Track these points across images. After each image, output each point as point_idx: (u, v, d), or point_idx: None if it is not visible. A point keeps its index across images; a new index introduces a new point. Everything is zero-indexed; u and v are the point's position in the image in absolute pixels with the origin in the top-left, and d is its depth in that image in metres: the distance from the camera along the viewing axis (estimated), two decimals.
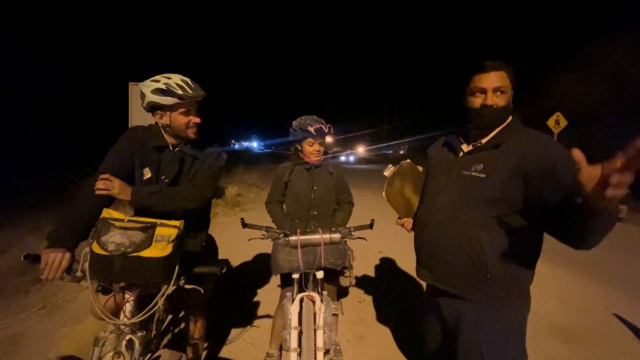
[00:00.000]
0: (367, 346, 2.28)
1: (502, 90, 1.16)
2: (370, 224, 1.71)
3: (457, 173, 1.26)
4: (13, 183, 7.93)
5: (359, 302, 2.91)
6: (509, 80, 1.17)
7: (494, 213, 1.14)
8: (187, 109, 1.43)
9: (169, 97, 1.36)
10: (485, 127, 1.22)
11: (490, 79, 1.15)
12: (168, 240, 1.09)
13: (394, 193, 1.56)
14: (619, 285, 3.49)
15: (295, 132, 1.94)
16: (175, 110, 1.41)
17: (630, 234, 6.04)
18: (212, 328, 2.18)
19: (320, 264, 1.61)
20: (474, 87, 1.18)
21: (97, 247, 1.02)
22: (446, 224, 1.26)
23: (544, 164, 1.05)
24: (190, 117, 1.45)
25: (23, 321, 2.47)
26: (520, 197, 1.10)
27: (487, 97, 1.16)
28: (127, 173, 1.42)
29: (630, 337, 2.50)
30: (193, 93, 1.39)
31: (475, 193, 1.18)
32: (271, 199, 2.04)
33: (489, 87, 1.15)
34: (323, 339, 1.53)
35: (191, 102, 1.44)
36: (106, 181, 1.26)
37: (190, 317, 1.78)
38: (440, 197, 1.30)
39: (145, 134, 1.49)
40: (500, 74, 1.16)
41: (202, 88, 1.45)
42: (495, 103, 1.16)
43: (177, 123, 1.43)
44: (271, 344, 1.97)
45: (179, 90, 1.36)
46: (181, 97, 1.36)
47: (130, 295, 1.16)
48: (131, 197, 1.31)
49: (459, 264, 1.22)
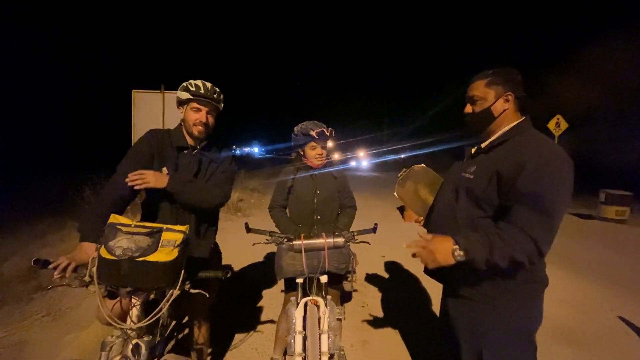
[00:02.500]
0: (370, 351, 2.27)
1: (475, 98, 1.24)
2: (374, 227, 1.73)
3: (458, 175, 1.31)
4: (15, 190, 7.98)
5: (363, 306, 2.91)
6: (487, 89, 1.22)
7: (481, 214, 1.18)
8: (199, 107, 1.55)
9: (184, 92, 1.53)
10: (469, 132, 1.33)
11: (469, 89, 1.27)
12: (174, 245, 1.10)
13: (407, 193, 1.64)
14: (624, 287, 3.48)
15: (297, 137, 1.96)
16: (189, 104, 1.55)
17: (633, 237, 6.00)
18: (216, 333, 2.17)
19: (324, 268, 1.62)
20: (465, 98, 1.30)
21: (105, 252, 1.03)
22: (443, 224, 1.31)
23: (513, 168, 1.08)
24: (199, 114, 1.54)
25: (27, 328, 2.47)
26: (497, 197, 1.14)
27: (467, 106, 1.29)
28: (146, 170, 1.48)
29: (636, 339, 2.48)
30: (204, 92, 1.53)
31: (464, 193, 1.23)
32: (274, 204, 2.05)
33: (467, 96, 1.28)
34: (327, 343, 1.53)
35: (203, 102, 1.54)
36: (140, 174, 1.35)
37: (194, 322, 1.79)
38: (443, 198, 1.36)
39: (164, 135, 1.59)
40: (477, 84, 1.25)
41: (220, 94, 1.61)
42: (467, 111, 1.28)
43: (187, 117, 1.56)
44: (275, 349, 1.97)
45: (192, 87, 1.52)
46: (193, 93, 1.52)
47: (136, 300, 1.17)
48: (168, 184, 1.40)
49: None
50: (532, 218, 1.04)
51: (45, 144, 17.11)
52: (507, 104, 1.21)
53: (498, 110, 1.21)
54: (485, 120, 1.24)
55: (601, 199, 7.17)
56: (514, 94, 1.20)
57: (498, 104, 1.21)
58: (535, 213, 1.05)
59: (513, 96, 1.20)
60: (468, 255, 1.06)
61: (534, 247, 1.02)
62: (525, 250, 1.03)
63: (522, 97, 1.22)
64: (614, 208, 6.94)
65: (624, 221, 6.90)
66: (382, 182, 14.49)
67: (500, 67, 1.24)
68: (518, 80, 1.22)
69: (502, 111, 1.21)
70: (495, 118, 1.22)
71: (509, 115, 1.22)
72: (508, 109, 1.21)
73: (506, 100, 1.21)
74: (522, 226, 1.04)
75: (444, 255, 1.09)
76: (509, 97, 1.20)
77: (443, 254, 1.09)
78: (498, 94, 1.21)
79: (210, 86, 1.56)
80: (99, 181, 5.49)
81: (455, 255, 1.07)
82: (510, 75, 1.21)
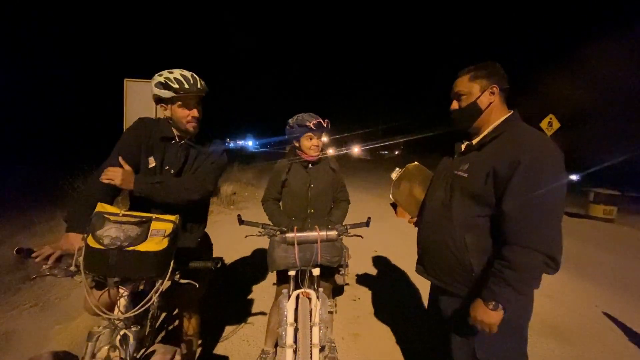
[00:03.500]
0: (361, 343, 2.29)
1: (460, 94, 1.25)
2: (367, 221, 1.73)
3: (449, 173, 1.31)
4: (4, 180, 7.80)
5: (354, 300, 2.93)
6: (471, 83, 1.22)
7: (476, 212, 1.19)
8: (186, 103, 1.46)
9: (166, 91, 1.41)
10: (457, 128, 1.32)
11: (454, 86, 1.27)
12: (164, 235, 1.08)
13: (402, 194, 1.62)
14: (608, 284, 3.56)
15: (293, 129, 1.94)
16: (174, 103, 1.45)
17: (620, 235, 6.14)
18: (207, 325, 2.17)
19: (316, 261, 1.62)
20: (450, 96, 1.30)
21: (93, 241, 1.01)
22: (435, 222, 1.32)
23: (508, 165, 1.09)
24: (189, 111, 1.47)
25: (15, 319, 2.43)
26: (494, 196, 1.14)
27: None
28: (134, 161, 1.44)
29: (619, 334, 2.55)
30: (189, 88, 1.42)
31: (459, 192, 1.23)
32: (268, 197, 2.04)
33: (452, 93, 1.29)
34: (319, 335, 1.53)
35: (190, 97, 1.46)
36: (107, 172, 1.29)
37: (184, 313, 1.78)
38: (434, 196, 1.36)
39: (153, 125, 1.53)
40: (461, 79, 1.25)
41: (202, 82, 1.48)
42: (454, 107, 1.28)
43: (176, 116, 1.48)
44: (266, 341, 1.97)
45: (175, 84, 1.40)
46: (176, 91, 1.41)
47: (124, 290, 1.15)
48: (134, 186, 1.33)
49: (445, 260, 1.27)
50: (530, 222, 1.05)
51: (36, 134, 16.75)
52: (493, 96, 1.21)
53: (484, 104, 1.21)
54: (472, 115, 1.24)
55: (590, 198, 7.30)
56: (498, 86, 1.20)
57: (484, 97, 1.21)
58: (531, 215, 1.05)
59: (498, 88, 1.20)
60: (500, 302, 1.07)
61: (542, 256, 1.04)
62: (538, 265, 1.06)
63: (507, 89, 1.23)
64: (601, 207, 7.08)
65: (612, 220, 7.05)
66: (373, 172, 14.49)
67: (481, 62, 1.24)
68: (501, 72, 1.23)
69: (489, 104, 1.21)
70: (482, 111, 1.22)
71: (496, 109, 1.22)
72: (494, 102, 1.21)
73: (491, 93, 1.21)
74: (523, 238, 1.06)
75: (488, 317, 1.09)
76: (494, 89, 1.20)
77: (488, 317, 1.09)
78: (483, 87, 1.21)
79: (191, 76, 1.44)
80: (90, 171, 5.40)
81: (492, 309, 1.08)
82: (493, 69, 1.21)
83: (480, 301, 1.11)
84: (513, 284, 1.05)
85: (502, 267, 1.08)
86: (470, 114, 1.24)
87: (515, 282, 1.05)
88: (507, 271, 1.06)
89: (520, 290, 1.07)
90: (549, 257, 1.05)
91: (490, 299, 1.08)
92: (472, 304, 1.14)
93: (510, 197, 1.08)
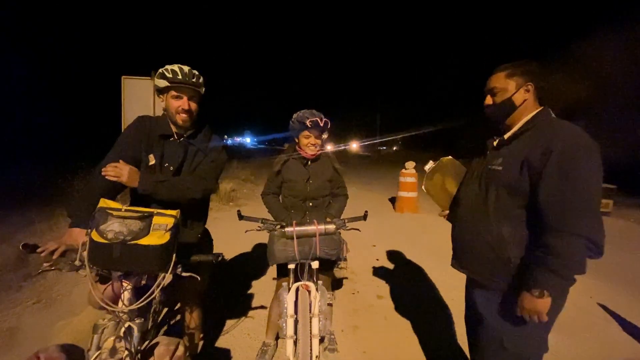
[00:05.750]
0: (360, 335, 2.33)
1: (494, 90, 1.28)
2: (364, 215, 1.75)
3: (484, 168, 1.33)
4: (3, 178, 7.80)
5: (353, 293, 2.97)
6: (508, 80, 1.25)
7: (512, 204, 1.21)
8: (179, 94, 1.49)
9: (162, 80, 1.47)
10: (491, 123, 1.35)
11: (489, 81, 1.30)
12: (165, 229, 1.11)
13: (434, 186, 1.65)
14: (604, 276, 3.60)
15: (294, 125, 1.96)
16: (168, 93, 1.49)
17: (616, 228, 6.19)
18: (209, 319, 2.21)
19: (315, 254, 1.65)
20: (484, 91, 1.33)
21: (97, 236, 1.04)
22: (471, 217, 1.34)
23: (540, 156, 1.11)
24: (180, 102, 1.49)
25: (18, 315, 2.46)
26: (529, 186, 1.16)
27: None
28: (134, 159, 1.47)
29: (614, 325, 2.60)
30: (181, 78, 1.46)
31: (494, 185, 1.25)
32: (267, 191, 2.07)
33: (486, 89, 1.31)
34: (318, 326, 1.57)
35: (183, 89, 1.49)
36: (115, 168, 1.30)
37: (186, 307, 1.81)
38: (469, 191, 1.38)
39: (152, 122, 1.56)
40: (497, 76, 1.28)
41: (200, 78, 1.52)
42: (488, 102, 1.31)
43: (169, 106, 1.51)
44: (267, 334, 2.01)
45: (169, 74, 1.45)
46: (171, 81, 1.45)
47: (127, 283, 1.18)
48: (139, 184, 1.35)
49: (482, 254, 1.28)
50: (567, 209, 1.05)
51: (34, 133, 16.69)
52: (528, 94, 1.23)
53: (519, 101, 1.24)
54: (506, 111, 1.26)
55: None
56: (534, 84, 1.22)
57: (519, 94, 1.23)
58: (569, 201, 1.05)
59: (533, 86, 1.23)
60: (546, 290, 1.08)
61: (584, 240, 1.05)
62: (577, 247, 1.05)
63: (543, 87, 1.24)
64: None
65: (608, 213, 7.10)
66: (372, 169, 14.55)
67: (519, 60, 1.26)
68: (537, 70, 1.24)
69: (523, 101, 1.24)
70: (517, 108, 1.25)
71: (529, 106, 1.25)
72: (528, 99, 1.24)
73: (526, 91, 1.23)
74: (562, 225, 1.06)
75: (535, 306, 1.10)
76: (529, 87, 1.23)
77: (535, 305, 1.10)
78: (519, 84, 1.23)
79: (188, 70, 1.48)
80: (88, 169, 5.40)
81: (537, 296, 1.09)
82: (529, 67, 1.24)
83: (525, 292, 1.12)
84: (557, 270, 1.06)
85: (544, 255, 1.08)
86: (505, 110, 1.27)
87: (559, 268, 1.06)
88: (549, 258, 1.07)
89: (565, 276, 1.07)
90: (591, 241, 1.06)
91: (536, 287, 1.09)
92: (519, 297, 1.15)
93: (545, 185, 1.09)
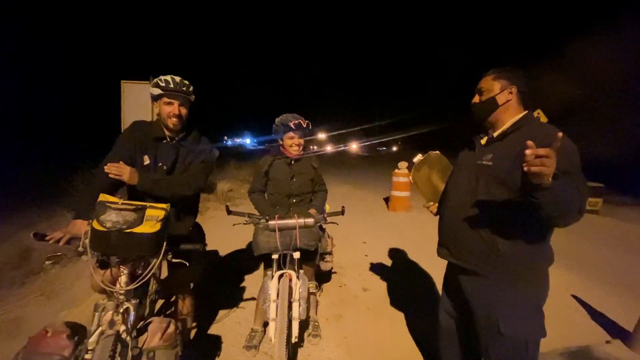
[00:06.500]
0: (343, 323, 2.50)
1: (481, 90, 1.41)
2: (342, 210, 1.92)
3: (473, 163, 1.42)
4: (4, 179, 7.95)
5: (340, 286, 3.13)
6: (493, 82, 1.37)
7: (502, 197, 1.27)
8: (171, 101, 1.67)
9: (156, 89, 1.66)
10: (475, 120, 1.46)
11: (479, 83, 1.42)
12: (157, 220, 1.27)
13: (421, 178, 1.77)
14: (583, 270, 3.77)
15: (277, 128, 2.13)
16: (161, 99, 1.67)
17: (600, 225, 6.35)
18: (202, 309, 2.36)
19: (295, 245, 1.81)
20: None
21: (97, 225, 1.20)
22: (462, 208, 1.41)
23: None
24: (171, 107, 1.67)
25: (23, 307, 2.62)
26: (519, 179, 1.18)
27: None
28: (131, 159, 1.64)
29: (583, 314, 2.76)
30: (173, 87, 1.65)
31: (484, 179, 1.33)
32: (253, 189, 2.23)
33: (476, 89, 1.43)
34: (299, 310, 1.73)
35: (174, 96, 1.67)
36: (118, 167, 1.47)
37: (179, 295, 1.97)
38: (459, 184, 1.47)
39: (146, 126, 1.73)
40: (485, 78, 1.40)
41: (189, 87, 1.71)
42: (475, 101, 1.43)
43: (161, 111, 1.69)
44: (255, 321, 2.17)
45: (162, 83, 1.64)
46: (163, 89, 1.65)
47: (124, 268, 1.34)
48: (138, 182, 1.53)
49: (473, 243, 1.36)
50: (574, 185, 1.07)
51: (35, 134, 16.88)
52: (511, 95, 1.34)
53: (502, 100, 1.35)
54: (489, 108, 1.38)
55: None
56: (517, 87, 1.34)
57: (502, 95, 1.36)
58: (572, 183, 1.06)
59: (516, 89, 1.34)
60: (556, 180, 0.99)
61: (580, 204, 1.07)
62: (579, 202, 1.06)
63: (525, 92, 1.36)
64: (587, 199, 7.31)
65: (597, 211, 7.27)
66: (370, 169, 14.72)
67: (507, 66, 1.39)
68: (522, 77, 1.36)
69: (506, 102, 1.35)
70: (499, 106, 1.36)
71: (512, 108, 1.35)
72: (511, 101, 1.35)
73: (510, 93, 1.35)
74: None
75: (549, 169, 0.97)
76: (513, 89, 1.34)
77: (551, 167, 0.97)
78: (503, 86, 1.36)
79: (179, 80, 1.67)
80: (88, 170, 5.56)
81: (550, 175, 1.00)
82: (515, 72, 1.36)
83: None
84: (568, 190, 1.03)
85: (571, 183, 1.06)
86: (488, 108, 1.38)
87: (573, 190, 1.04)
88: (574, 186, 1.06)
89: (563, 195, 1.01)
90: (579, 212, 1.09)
91: None
92: None
93: None
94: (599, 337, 2.42)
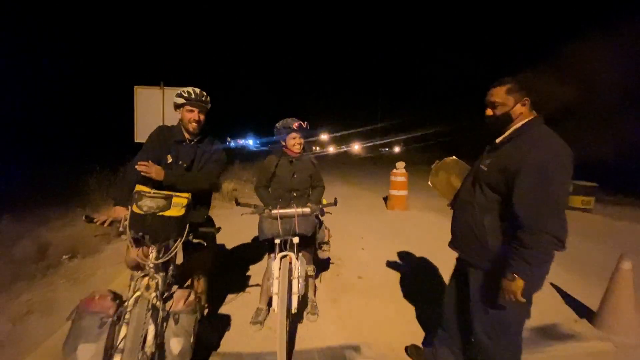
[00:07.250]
0: (338, 305, 2.79)
1: (495, 104, 1.46)
2: (334, 201, 2.21)
3: (477, 167, 1.56)
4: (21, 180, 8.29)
5: (337, 275, 3.42)
6: (507, 96, 1.41)
7: (492, 199, 1.44)
8: (192, 109, 1.99)
9: (180, 98, 1.98)
10: (492, 131, 1.53)
11: (490, 94, 1.47)
12: (182, 206, 1.57)
13: (440, 182, 1.95)
14: (568, 262, 3.98)
15: (280, 130, 2.43)
16: (184, 107, 1.99)
17: (596, 224, 6.58)
18: (213, 293, 2.65)
19: (295, 231, 2.11)
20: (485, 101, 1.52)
21: (136, 208, 1.50)
22: (463, 207, 1.59)
23: (517, 163, 1.31)
24: (191, 114, 1.99)
25: (52, 291, 2.92)
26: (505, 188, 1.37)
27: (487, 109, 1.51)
28: (157, 158, 1.95)
29: (558, 299, 3.03)
30: (194, 97, 1.97)
31: (480, 182, 1.49)
32: (259, 184, 2.53)
33: (487, 100, 1.49)
34: (298, 286, 2.02)
35: (195, 104, 1.98)
36: (147, 166, 1.77)
37: (194, 276, 2.27)
38: (465, 185, 1.68)
39: (169, 131, 2.04)
40: (497, 90, 1.44)
41: (207, 97, 2.03)
42: (489, 114, 1.49)
43: (183, 117, 2.01)
44: (260, 300, 2.47)
45: (185, 94, 1.96)
46: (186, 99, 1.96)
47: (154, 247, 1.63)
48: (164, 178, 1.83)
49: (469, 238, 1.55)
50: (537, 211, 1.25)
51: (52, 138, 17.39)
52: (524, 107, 1.41)
53: (516, 114, 1.42)
54: (505, 122, 1.45)
55: (570, 190, 7.74)
56: (530, 98, 1.41)
57: (517, 109, 1.41)
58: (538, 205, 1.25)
59: (529, 101, 1.41)
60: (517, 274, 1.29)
61: (550, 237, 1.25)
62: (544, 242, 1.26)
63: (537, 99, 1.42)
64: (580, 198, 7.52)
65: (589, 210, 7.49)
66: (371, 170, 15.02)
67: (519, 75, 1.43)
68: (535, 85, 1.42)
69: (520, 114, 1.42)
70: (514, 120, 1.43)
71: (522, 116, 1.43)
72: (524, 112, 1.42)
73: (523, 105, 1.41)
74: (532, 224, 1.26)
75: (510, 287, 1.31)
76: (526, 102, 1.41)
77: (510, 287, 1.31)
78: (517, 100, 1.40)
79: (199, 91, 2.00)
80: (102, 171, 5.89)
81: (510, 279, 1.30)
82: (527, 82, 1.41)
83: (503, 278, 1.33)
84: (527, 259, 1.27)
85: (518, 247, 1.29)
86: (504, 122, 1.45)
87: (529, 258, 1.27)
88: (522, 250, 1.28)
89: (534, 264, 1.27)
90: (556, 238, 1.27)
91: (509, 271, 1.30)
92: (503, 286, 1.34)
93: (519, 190, 1.29)
94: (568, 317, 2.69)
